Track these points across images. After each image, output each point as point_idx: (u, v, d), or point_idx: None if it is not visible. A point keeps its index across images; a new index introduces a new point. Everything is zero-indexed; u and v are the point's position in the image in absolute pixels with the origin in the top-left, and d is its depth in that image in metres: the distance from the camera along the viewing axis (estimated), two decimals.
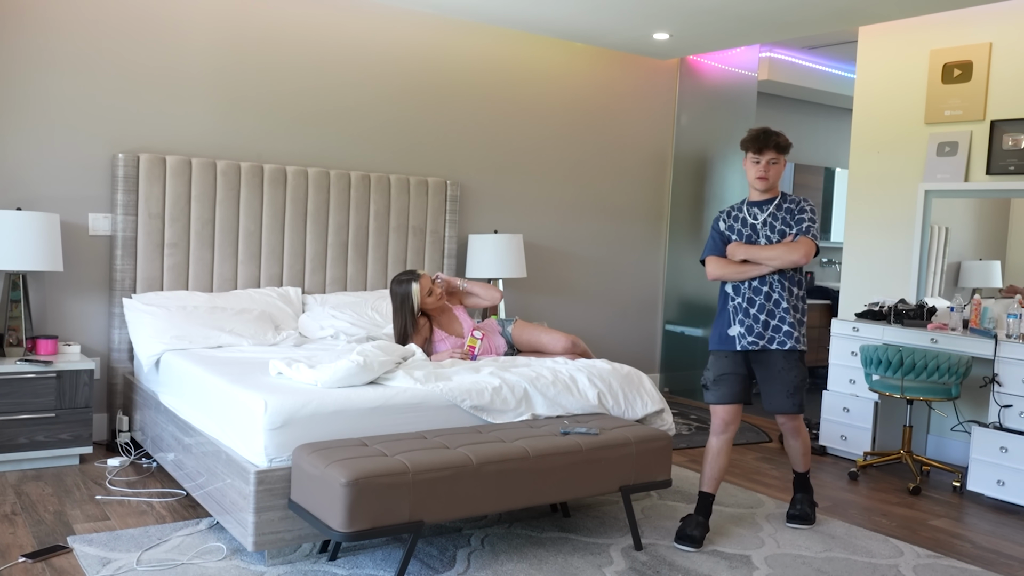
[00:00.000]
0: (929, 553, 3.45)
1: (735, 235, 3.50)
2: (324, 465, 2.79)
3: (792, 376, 3.43)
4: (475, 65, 5.70)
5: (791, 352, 3.42)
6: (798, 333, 3.41)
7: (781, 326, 3.40)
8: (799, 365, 3.45)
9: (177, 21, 4.67)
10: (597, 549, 3.30)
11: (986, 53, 4.76)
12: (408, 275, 4.27)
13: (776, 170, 3.41)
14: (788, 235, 3.38)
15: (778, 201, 3.45)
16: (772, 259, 3.35)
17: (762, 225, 3.44)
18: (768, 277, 3.41)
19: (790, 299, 3.40)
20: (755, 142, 3.38)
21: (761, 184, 3.41)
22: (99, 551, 3.08)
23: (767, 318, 3.41)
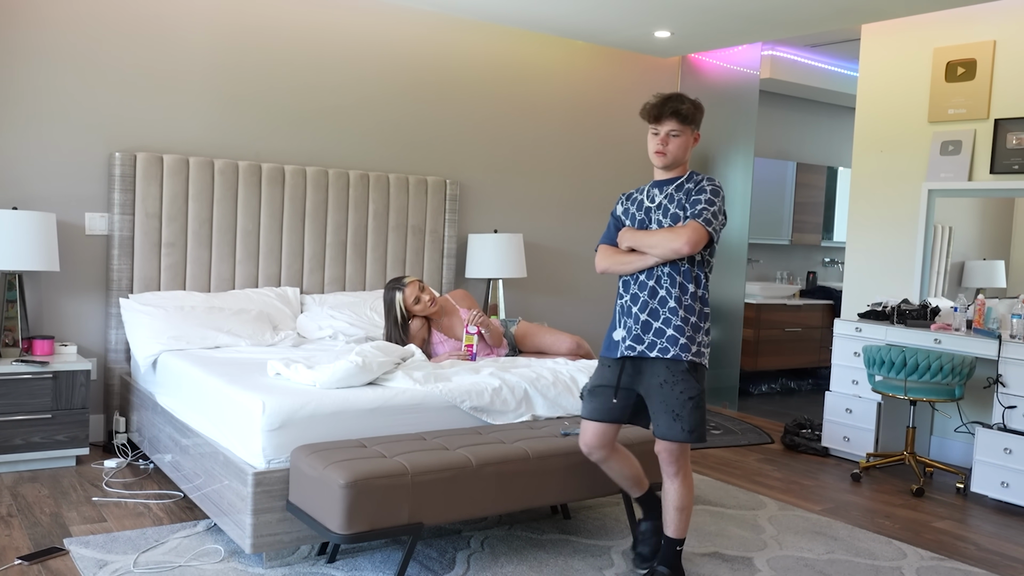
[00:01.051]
0: (933, 555, 3.45)
1: (629, 220, 2.96)
2: (323, 466, 2.78)
3: (676, 393, 2.77)
4: (475, 63, 5.70)
5: (675, 362, 2.77)
6: (685, 340, 2.77)
7: (665, 329, 2.79)
8: (688, 380, 2.77)
9: (174, 18, 4.67)
10: (598, 551, 3.30)
11: (990, 51, 4.76)
12: (395, 283, 4.27)
13: (678, 144, 2.86)
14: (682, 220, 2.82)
15: (681, 181, 2.88)
16: (653, 247, 2.79)
17: (656, 208, 2.88)
18: (657, 270, 2.83)
19: (682, 298, 2.79)
20: (652, 111, 2.88)
21: (659, 160, 2.88)
22: (96, 553, 3.08)
23: (649, 318, 2.82)
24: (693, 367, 2.79)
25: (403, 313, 4.23)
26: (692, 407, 2.78)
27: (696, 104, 2.93)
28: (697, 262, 2.83)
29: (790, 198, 7.47)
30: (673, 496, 2.88)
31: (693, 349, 2.78)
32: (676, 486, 2.88)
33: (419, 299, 4.25)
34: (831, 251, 8.04)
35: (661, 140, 2.87)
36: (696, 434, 2.80)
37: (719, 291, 6.38)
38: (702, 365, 2.83)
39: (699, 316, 2.82)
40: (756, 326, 6.78)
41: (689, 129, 2.90)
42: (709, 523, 3.69)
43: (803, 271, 7.86)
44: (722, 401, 6.35)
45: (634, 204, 2.96)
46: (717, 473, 4.51)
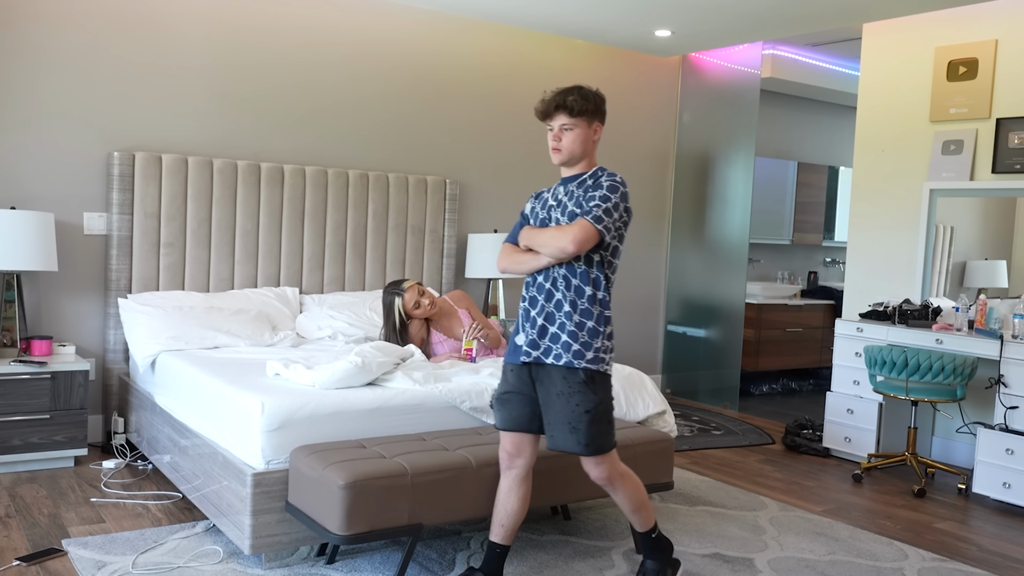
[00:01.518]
0: (934, 556, 3.45)
1: (533, 218, 2.84)
2: (322, 467, 2.78)
3: (572, 404, 2.62)
4: (475, 62, 5.70)
5: (571, 371, 2.63)
6: (579, 345, 2.62)
7: (560, 334, 2.65)
8: (585, 392, 2.63)
9: (174, 17, 4.67)
10: (598, 552, 3.30)
11: (992, 50, 4.76)
12: (394, 287, 4.27)
13: (573, 138, 2.72)
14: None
15: (584, 177, 2.76)
16: (543, 246, 2.67)
17: (557, 205, 2.77)
18: (553, 272, 2.69)
19: (577, 301, 2.66)
20: (540, 107, 2.76)
21: (555, 156, 2.77)
22: (94, 554, 3.08)
23: (545, 322, 2.69)
24: (590, 376, 2.64)
25: (402, 318, 4.23)
26: (589, 420, 2.63)
27: (587, 95, 2.73)
28: (596, 262, 2.68)
29: (791, 198, 7.47)
30: (621, 502, 2.82)
31: (588, 356, 2.63)
32: (616, 493, 2.79)
33: (419, 303, 4.24)
34: (832, 251, 8.04)
35: (554, 136, 2.75)
36: (593, 447, 2.66)
37: (720, 291, 6.39)
38: (601, 373, 2.66)
39: (597, 320, 2.66)
40: (757, 326, 6.78)
41: (584, 122, 2.73)
42: (710, 524, 3.69)
43: (804, 271, 7.86)
44: (723, 401, 6.35)
45: (540, 202, 2.84)
46: (718, 474, 4.51)
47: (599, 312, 2.67)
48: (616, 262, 2.73)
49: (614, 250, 2.71)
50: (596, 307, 2.67)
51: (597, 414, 2.65)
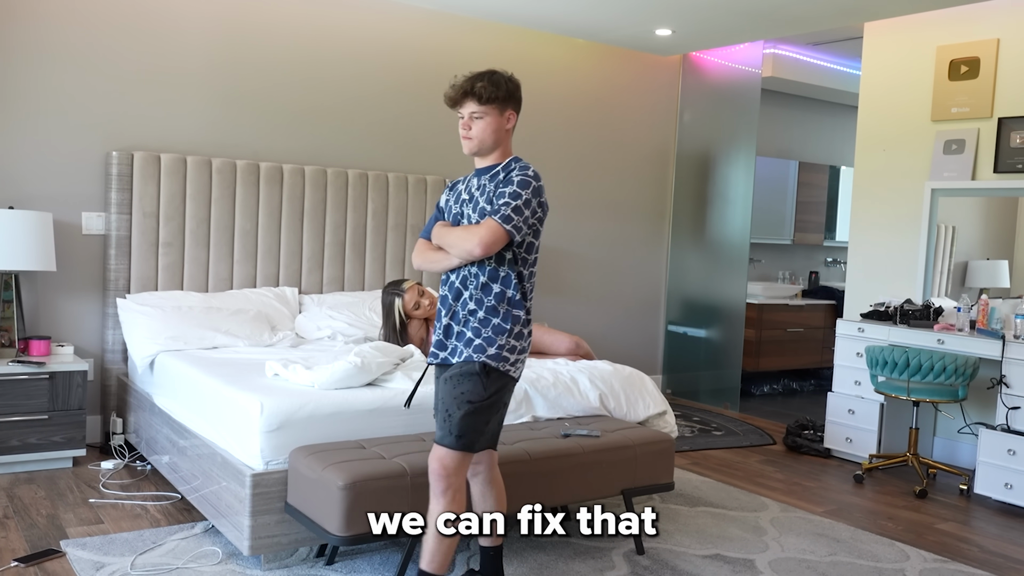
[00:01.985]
0: (936, 557, 3.45)
1: (447, 213, 2.69)
2: (321, 468, 2.78)
3: (457, 392, 2.50)
4: (475, 62, 5.69)
5: (466, 362, 2.51)
6: (481, 340, 2.50)
7: (465, 332, 2.53)
8: (474, 382, 2.49)
9: (172, 16, 4.67)
10: (599, 553, 3.30)
11: (993, 49, 4.76)
12: (395, 287, 4.27)
13: (483, 126, 2.55)
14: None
15: (497, 170, 2.58)
16: (451, 247, 2.54)
17: (469, 200, 2.61)
18: (464, 271, 2.56)
19: (484, 299, 2.52)
20: (451, 91, 2.60)
21: (465, 146, 2.59)
22: (92, 555, 3.08)
23: (451, 322, 2.57)
24: (485, 370, 2.48)
25: (402, 319, 4.23)
26: (467, 412, 2.48)
27: (498, 81, 2.58)
28: (508, 260, 2.53)
29: (792, 197, 7.47)
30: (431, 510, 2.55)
31: (489, 351, 2.49)
32: (433, 500, 2.54)
33: (419, 304, 4.25)
34: (833, 251, 8.04)
35: (463, 124, 2.58)
36: (463, 441, 2.49)
37: (721, 291, 6.39)
38: (499, 371, 2.50)
39: (504, 318, 2.52)
40: (758, 326, 6.78)
41: (495, 109, 2.56)
42: (711, 525, 3.69)
43: (805, 271, 7.86)
44: (723, 402, 6.35)
45: (454, 195, 2.69)
46: (718, 474, 4.51)
47: (507, 311, 2.53)
48: (531, 258, 2.59)
49: (528, 247, 2.57)
50: (504, 306, 2.52)
51: (477, 409, 2.49)
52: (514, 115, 2.63)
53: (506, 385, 2.57)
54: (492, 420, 2.57)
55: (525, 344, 2.59)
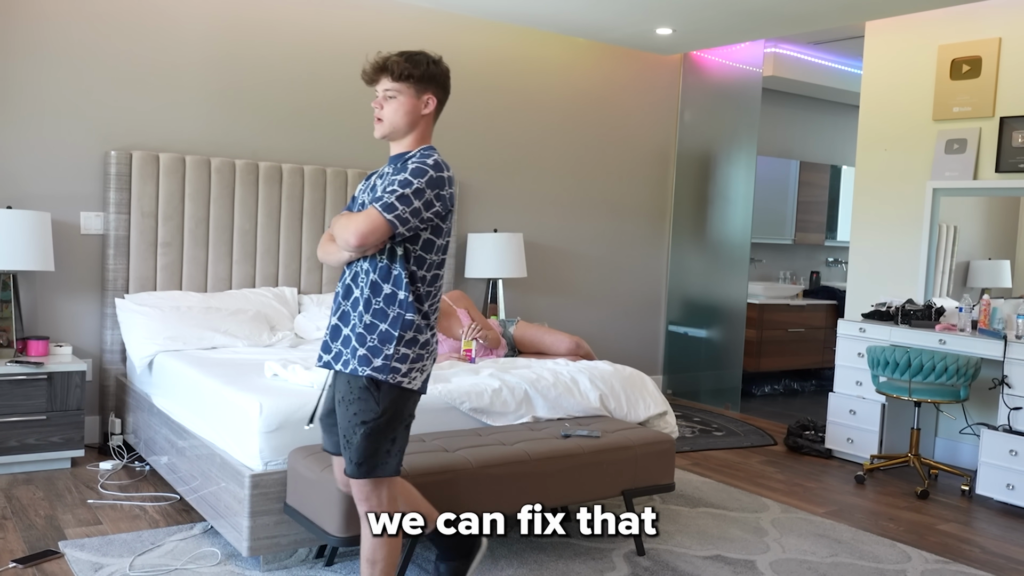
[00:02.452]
0: (937, 558, 3.45)
1: (355, 204, 2.50)
2: (320, 468, 2.78)
3: (350, 415, 2.30)
4: (475, 61, 5.70)
5: (354, 377, 2.30)
6: (366, 351, 2.29)
7: (351, 337, 2.33)
8: (365, 400, 2.29)
9: (171, 15, 4.67)
10: (599, 554, 3.30)
11: (995, 48, 4.76)
12: None
13: (396, 107, 2.36)
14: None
15: (406, 157, 2.39)
16: (335, 237, 2.35)
17: (371, 189, 2.44)
18: (355, 266, 2.38)
19: (373, 300, 2.31)
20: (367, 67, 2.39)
21: (376, 129, 2.41)
22: (91, 556, 3.08)
23: (339, 322, 2.38)
24: (374, 384, 2.28)
25: None
26: (364, 434, 2.28)
27: (417, 59, 2.35)
28: (400, 257, 2.31)
29: (793, 197, 7.47)
30: (365, 543, 2.37)
31: (376, 362, 2.28)
32: (368, 530, 2.37)
33: None
34: (835, 251, 8.04)
35: (376, 103, 2.39)
36: (364, 468, 2.29)
37: (721, 291, 6.39)
38: (389, 383, 2.29)
39: (393, 323, 2.30)
40: (759, 326, 6.78)
41: (410, 89, 2.35)
42: (711, 526, 3.69)
43: (806, 271, 7.86)
44: (724, 402, 6.35)
45: (368, 185, 2.49)
46: (719, 475, 4.51)
47: (397, 314, 2.30)
48: (430, 258, 2.35)
49: (426, 244, 2.33)
50: (394, 308, 2.30)
51: (375, 429, 2.28)
52: (434, 100, 2.39)
53: (405, 399, 2.34)
54: (399, 438, 2.35)
55: (423, 352, 2.34)
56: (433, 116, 2.42)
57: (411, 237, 2.31)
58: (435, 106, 2.40)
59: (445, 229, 2.37)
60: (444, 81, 2.42)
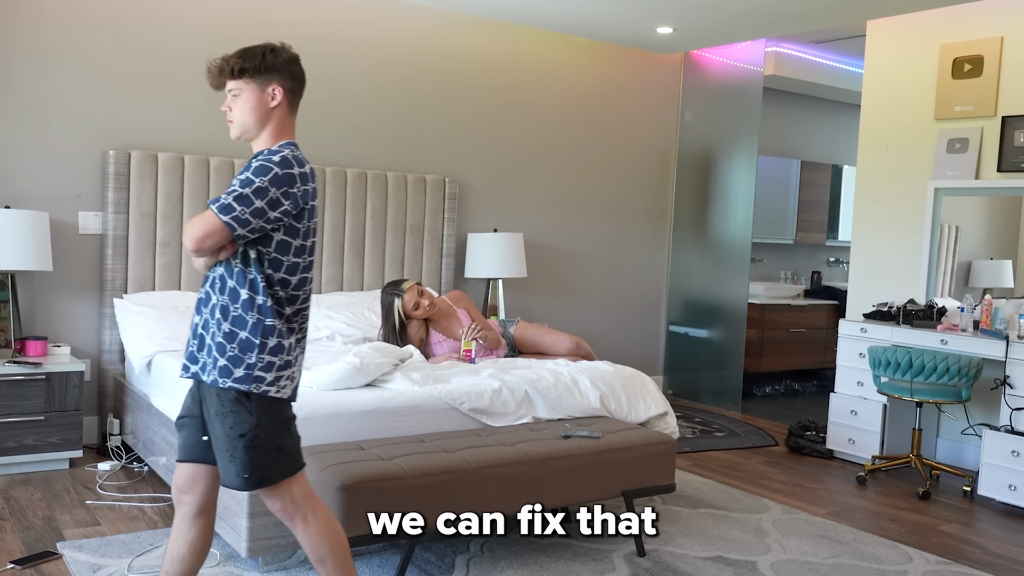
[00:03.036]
0: (939, 559, 3.45)
1: None
2: (319, 469, 2.79)
3: (227, 428, 2.20)
4: (475, 60, 5.70)
5: (224, 391, 2.20)
6: (226, 361, 2.19)
7: (212, 346, 2.22)
8: (238, 412, 2.19)
9: (169, 14, 4.67)
10: (599, 555, 3.30)
11: (997, 47, 4.76)
12: (394, 287, 4.28)
13: (241, 105, 2.27)
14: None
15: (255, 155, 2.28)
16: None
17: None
18: (213, 271, 2.26)
19: (231, 307, 2.20)
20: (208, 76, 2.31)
21: (231, 130, 2.33)
22: (89, 557, 3.08)
23: (203, 331, 2.26)
24: (244, 396, 2.19)
25: (401, 320, 4.24)
26: (244, 447, 2.18)
27: (252, 52, 2.25)
28: (253, 260, 2.20)
29: (794, 197, 7.47)
30: (305, 546, 2.30)
31: (237, 373, 2.18)
32: (299, 534, 2.30)
33: (418, 304, 4.25)
34: (836, 250, 8.04)
35: (226, 106, 2.31)
36: (255, 479, 2.21)
37: (722, 291, 6.39)
38: (257, 394, 2.19)
39: (253, 330, 2.19)
40: (760, 327, 6.78)
41: (251, 84, 2.25)
42: (712, 526, 3.69)
43: (807, 271, 7.87)
44: (725, 403, 6.35)
45: None
46: (720, 476, 4.51)
47: (256, 321, 2.19)
48: (287, 260, 2.23)
49: (281, 246, 2.22)
50: (252, 314, 2.19)
51: (255, 439, 2.19)
52: (281, 91, 2.27)
53: (280, 407, 2.26)
54: (285, 443, 2.26)
55: (290, 359, 2.25)
56: (287, 108, 2.31)
57: (262, 239, 2.19)
58: (284, 97, 2.29)
59: (303, 229, 2.25)
60: (289, 69, 2.30)
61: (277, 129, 2.30)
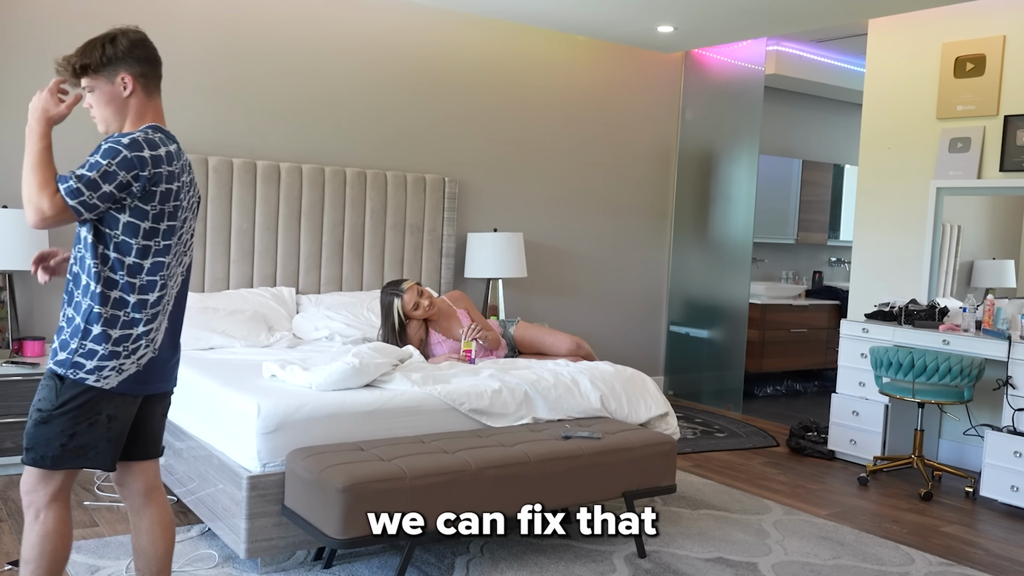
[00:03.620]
0: (941, 560, 3.45)
1: None
2: (319, 470, 2.79)
3: (35, 398, 2.20)
4: (474, 59, 5.70)
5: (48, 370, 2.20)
6: (58, 343, 2.17)
7: (62, 330, 2.19)
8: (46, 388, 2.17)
9: (167, 11, 4.67)
10: (600, 556, 3.30)
11: (999, 46, 4.76)
12: (393, 287, 4.28)
13: (96, 100, 2.26)
14: None
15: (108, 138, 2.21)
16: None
17: None
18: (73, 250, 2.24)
19: (75, 294, 2.17)
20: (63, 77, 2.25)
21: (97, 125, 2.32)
22: (87, 559, 3.08)
23: (62, 319, 2.23)
24: (58, 378, 2.15)
25: (401, 320, 4.24)
26: (35, 421, 2.16)
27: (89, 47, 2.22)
28: (92, 244, 2.15)
29: (795, 196, 7.47)
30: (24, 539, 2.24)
31: (60, 355, 2.15)
32: (26, 524, 2.24)
33: (418, 304, 4.25)
34: (837, 250, 8.04)
35: (88, 104, 2.30)
36: (32, 455, 2.17)
37: (723, 291, 6.39)
38: (70, 379, 2.14)
39: (87, 317, 2.14)
40: (761, 327, 6.78)
41: (99, 78, 2.23)
42: (713, 528, 3.69)
43: (809, 271, 7.87)
44: (726, 403, 6.35)
45: None
46: (721, 477, 4.51)
47: (88, 306, 2.14)
48: (135, 243, 2.15)
49: (130, 229, 2.14)
50: (86, 299, 2.15)
51: (48, 419, 2.15)
52: (129, 77, 2.25)
53: (100, 398, 2.17)
54: (81, 435, 2.17)
55: (119, 350, 2.16)
56: (142, 93, 2.29)
57: (109, 221, 2.13)
58: (135, 83, 2.27)
59: (152, 212, 2.15)
60: (133, 55, 2.27)
61: (137, 116, 2.29)
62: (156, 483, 2.40)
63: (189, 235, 2.33)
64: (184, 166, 2.28)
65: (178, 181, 2.22)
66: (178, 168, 2.23)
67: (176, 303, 2.32)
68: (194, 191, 2.34)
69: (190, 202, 2.30)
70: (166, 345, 2.29)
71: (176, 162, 2.23)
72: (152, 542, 2.36)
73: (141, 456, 2.36)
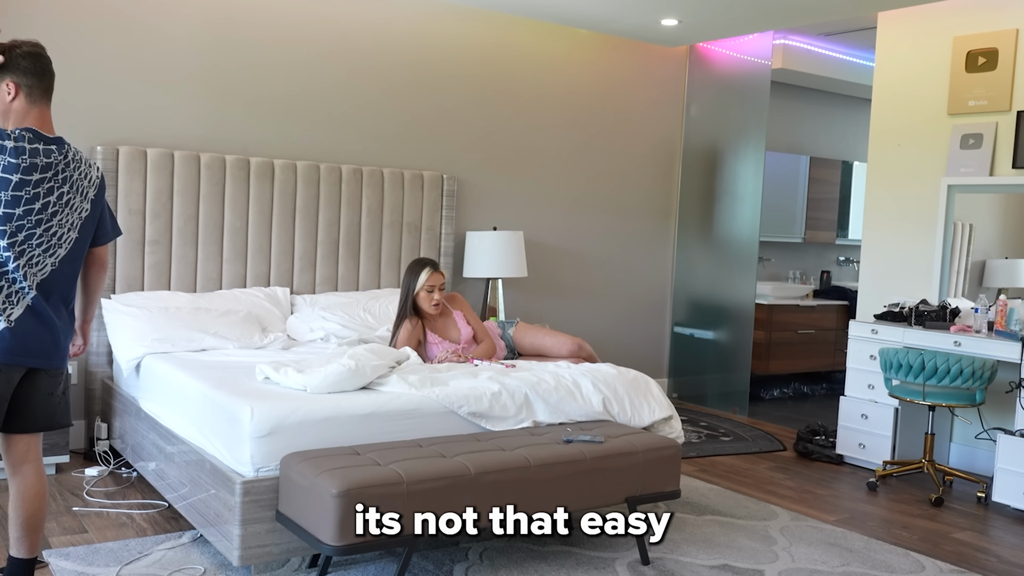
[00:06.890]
0: (952, 567, 3.45)
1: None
2: (314, 475, 2.79)
3: None
4: (474, 53, 5.71)
5: None
6: None
7: None
8: None
9: (159, 7, 4.67)
10: (602, 563, 3.30)
11: (1012, 40, 4.77)
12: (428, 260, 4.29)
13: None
14: None
15: None
16: None
17: None
18: None
19: None
20: None
21: None
22: (76, 566, 3.08)
23: None
24: None
25: (412, 293, 4.25)
26: None
27: None
28: None
29: (803, 194, 7.47)
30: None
31: None
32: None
33: (432, 289, 4.26)
34: (846, 249, 8.05)
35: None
36: None
37: (729, 291, 6.39)
38: None
39: None
40: (767, 328, 6.79)
41: None
42: (718, 534, 3.69)
43: (817, 270, 7.87)
44: (732, 406, 6.35)
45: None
46: (727, 482, 4.51)
47: None
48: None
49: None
50: None
51: None
52: (14, 84, 2.59)
53: None
54: None
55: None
56: (24, 100, 2.61)
57: None
58: (19, 90, 2.59)
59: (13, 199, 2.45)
60: (19, 65, 2.61)
61: (18, 119, 2.58)
62: (28, 456, 2.65)
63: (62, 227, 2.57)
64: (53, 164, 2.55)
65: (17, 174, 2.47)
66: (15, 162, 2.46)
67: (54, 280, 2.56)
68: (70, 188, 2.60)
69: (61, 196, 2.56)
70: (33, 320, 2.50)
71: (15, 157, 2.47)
72: (14, 508, 2.64)
73: (20, 429, 2.61)
